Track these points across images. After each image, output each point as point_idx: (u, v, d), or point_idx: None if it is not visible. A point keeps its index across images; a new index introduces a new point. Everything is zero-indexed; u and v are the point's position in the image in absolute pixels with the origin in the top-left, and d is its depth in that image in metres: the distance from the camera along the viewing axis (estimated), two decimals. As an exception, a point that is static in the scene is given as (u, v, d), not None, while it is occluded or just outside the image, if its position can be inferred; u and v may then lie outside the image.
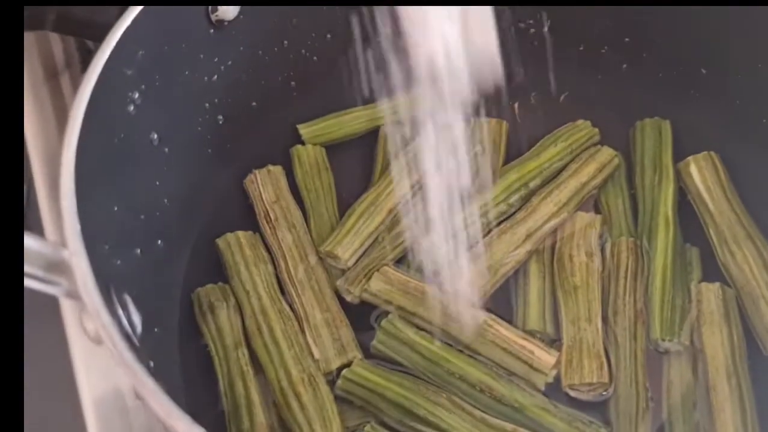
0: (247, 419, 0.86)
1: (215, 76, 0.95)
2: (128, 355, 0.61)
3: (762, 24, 0.96)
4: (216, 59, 0.94)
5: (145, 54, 0.83)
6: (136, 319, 0.74)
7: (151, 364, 0.74)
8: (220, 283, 0.95)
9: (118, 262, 0.77)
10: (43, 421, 0.86)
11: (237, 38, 0.95)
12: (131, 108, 0.82)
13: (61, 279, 0.65)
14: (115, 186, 0.79)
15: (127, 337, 0.64)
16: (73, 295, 0.63)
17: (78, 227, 0.66)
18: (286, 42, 1.02)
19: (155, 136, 0.87)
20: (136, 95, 0.82)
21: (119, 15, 0.81)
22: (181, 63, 0.89)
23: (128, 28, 0.80)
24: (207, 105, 0.96)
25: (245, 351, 0.90)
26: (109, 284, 0.68)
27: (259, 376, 0.90)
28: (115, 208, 0.79)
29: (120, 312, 0.70)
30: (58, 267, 0.66)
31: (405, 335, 0.90)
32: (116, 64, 0.78)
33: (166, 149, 0.89)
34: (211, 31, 0.91)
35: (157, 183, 0.89)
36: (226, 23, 0.92)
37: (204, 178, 1.00)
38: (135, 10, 0.80)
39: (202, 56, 0.92)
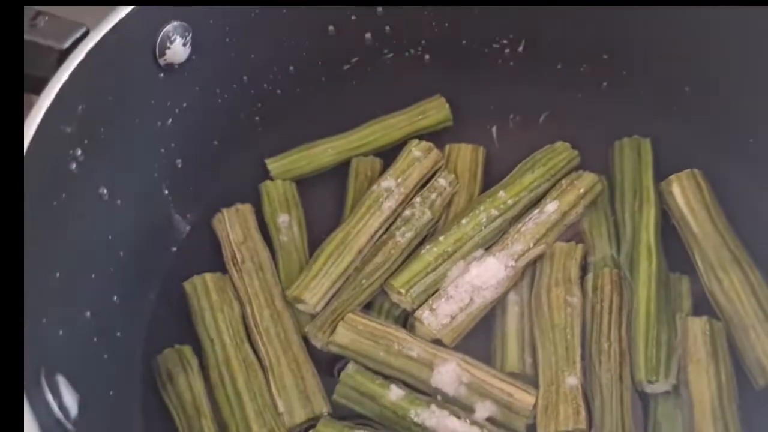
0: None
1: (169, 120, 0.91)
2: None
3: (749, 37, 0.91)
4: (168, 103, 0.90)
5: (87, 107, 0.79)
6: (70, 401, 0.70)
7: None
8: (177, 345, 0.91)
9: (60, 332, 0.73)
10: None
11: (190, 79, 0.91)
12: (73, 166, 0.78)
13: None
14: (57, 251, 0.75)
15: (55, 423, 0.60)
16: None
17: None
18: (245, 77, 0.98)
19: (104, 190, 0.83)
20: (78, 152, 0.79)
21: (57, 68, 0.76)
22: (128, 112, 0.85)
23: (66, 83, 0.76)
24: (162, 150, 0.92)
25: (209, 420, 0.87)
26: (39, 365, 0.64)
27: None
28: (57, 275, 0.75)
29: (49, 397, 0.66)
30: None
31: (365, 387, 0.86)
32: (54, 123, 0.75)
33: (118, 201, 0.86)
34: (161, 75, 0.87)
35: (110, 237, 0.85)
36: (176, 66, 0.88)
37: (164, 223, 0.97)
38: (73, 63, 0.76)
39: (152, 102, 0.88)
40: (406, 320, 0.94)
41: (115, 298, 0.86)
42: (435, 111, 1.07)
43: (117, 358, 0.85)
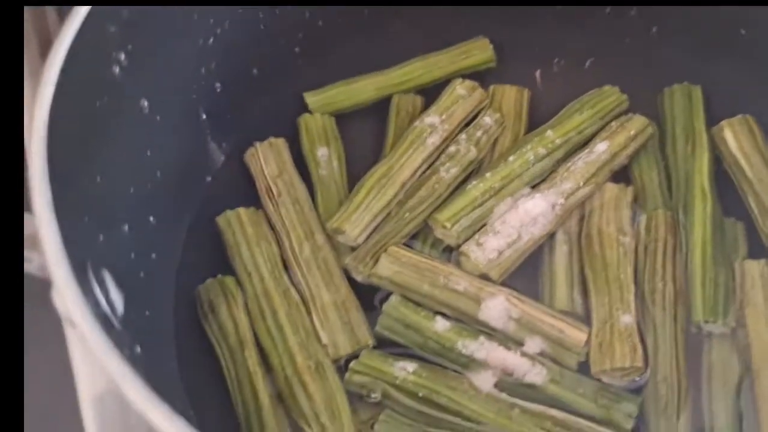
0: (257, 426, 0.79)
1: (211, 39, 0.87)
2: (99, 336, 0.53)
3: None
4: (211, 20, 0.87)
5: (131, 11, 0.75)
6: (117, 298, 0.67)
7: (138, 349, 0.67)
8: (219, 276, 0.87)
9: (101, 237, 0.69)
10: (41, 418, 0.79)
11: (233, -1, 0.87)
12: (116, 70, 0.74)
13: (33, 254, 0.58)
14: (98, 154, 0.71)
15: (103, 317, 0.56)
16: (44, 270, 0.55)
17: (48, 195, 0.58)
18: (288, 5, 0.94)
19: (145, 102, 0.79)
20: (122, 56, 0.75)
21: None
22: (172, 23, 0.81)
23: (108, -17, 0.72)
24: (203, 71, 0.88)
25: (253, 351, 0.82)
26: (85, 259, 0.60)
27: (271, 375, 0.83)
28: (98, 179, 0.71)
29: (97, 289, 0.62)
30: (30, 240, 0.58)
31: (410, 318, 0.82)
32: (97, 20, 0.71)
33: (158, 117, 0.82)
34: (205, -13, 0.83)
35: (148, 153, 0.81)
36: (223, -20, 0.84)
37: (201, 150, 0.93)
38: (119, -37, 0.72)
39: (195, 16, 0.84)
40: (449, 258, 0.89)
41: (152, 218, 0.83)
42: (478, 51, 1.04)
43: (152, 279, 0.81)
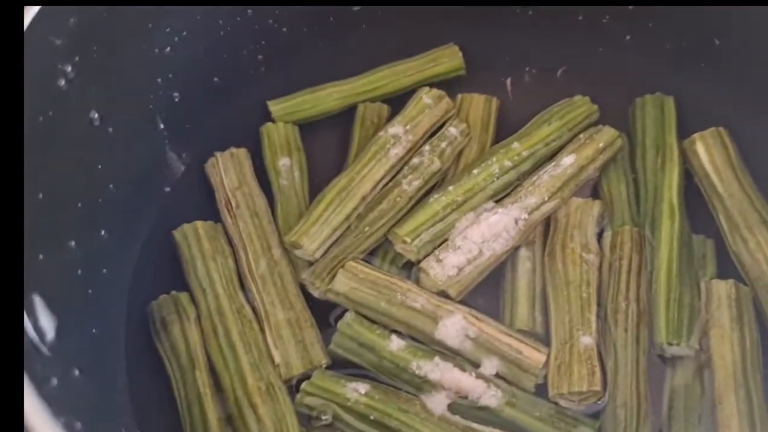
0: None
1: (168, 48, 0.86)
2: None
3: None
4: (168, 29, 0.85)
5: (79, 21, 0.73)
6: (47, 323, 0.65)
7: (76, 372, 0.65)
8: (173, 292, 0.85)
9: (40, 256, 0.67)
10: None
11: (191, 6, 0.85)
12: (62, 82, 0.72)
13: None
14: (40, 170, 0.69)
15: (29, 347, 0.54)
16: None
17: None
18: (250, 11, 0.93)
19: (95, 114, 0.78)
20: (68, 68, 0.73)
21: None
22: (125, 32, 0.80)
23: (57, -7, 0.70)
24: (159, 80, 0.86)
25: (204, 371, 0.81)
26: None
27: (222, 395, 0.81)
28: (40, 196, 0.69)
29: (24, 318, 0.60)
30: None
31: (365, 337, 0.80)
32: (42, 31, 0.69)
33: (110, 129, 0.80)
34: (160, -4, 0.81)
35: (99, 167, 0.79)
36: (175, -11, 0.82)
37: (159, 160, 0.91)
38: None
39: (150, 25, 0.82)
40: (410, 274, 0.88)
41: (103, 232, 0.81)
42: (447, 59, 1.01)
43: (102, 295, 0.79)
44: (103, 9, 0.76)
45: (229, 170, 0.92)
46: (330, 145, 0.98)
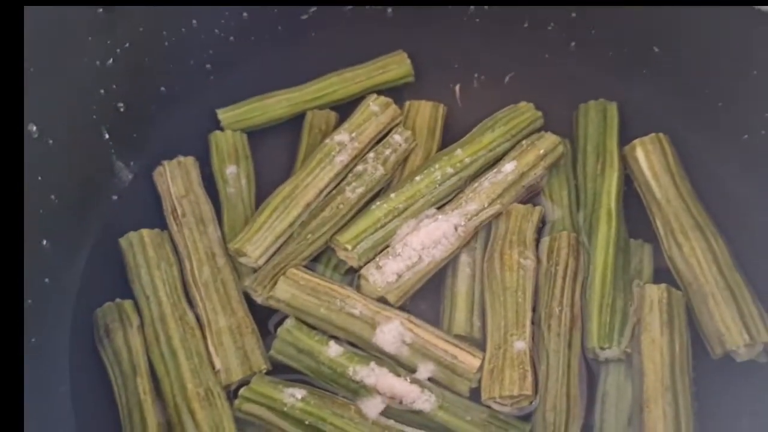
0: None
1: (110, 60, 0.87)
2: None
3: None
4: (109, 42, 0.86)
5: (16, 37, 0.74)
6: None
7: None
8: (118, 300, 0.87)
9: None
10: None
11: (133, 18, 0.87)
12: (-3, 96, 0.73)
13: None
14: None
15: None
16: None
17: None
18: (195, 21, 0.94)
19: (33, 128, 0.78)
20: (5, 83, 0.73)
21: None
22: (64, 46, 0.81)
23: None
24: (102, 92, 0.88)
25: (145, 378, 0.83)
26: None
27: (162, 401, 0.83)
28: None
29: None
30: None
31: (303, 343, 0.82)
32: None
33: (50, 141, 0.81)
34: (100, 10, 0.83)
35: (40, 178, 0.81)
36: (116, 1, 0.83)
37: (105, 170, 0.93)
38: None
39: (90, 38, 0.84)
40: (353, 280, 0.89)
41: (45, 242, 0.82)
42: (396, 66, 1.03)
43: (44, 305, 0.80)
44: (39, 23, 0.76)
45: (176, 178, 0.93)
46: (278, 151, 0.99)
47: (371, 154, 0.94)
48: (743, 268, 0.86)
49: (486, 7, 1.03)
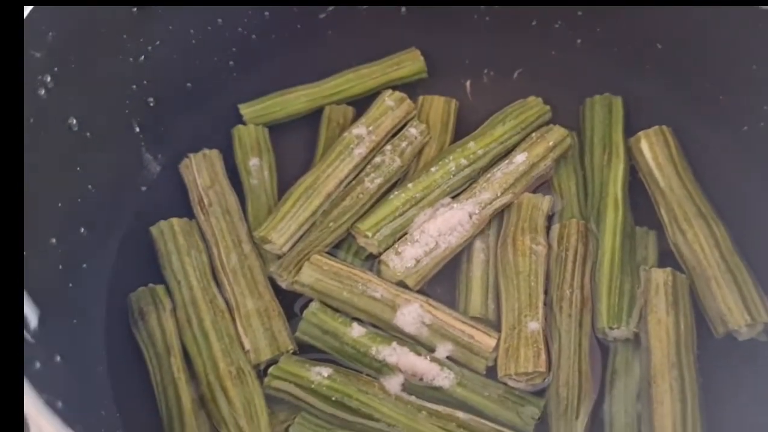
0: (179, 429, 0.84)
1: (142, 57, 0.91)
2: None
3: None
4: (141, 39, 0.90)
5: (57, 36, 0.79)
6: (30, 313, 0.71)
7: (57, 358, 0.71)
8: (150, 285, 0.91)
9: (24, 253, 0.73)
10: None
11: (164, 18, 0.92)
12: (42, 92, 0.78)
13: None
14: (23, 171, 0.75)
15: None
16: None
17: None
18: (220, 20, 0.98)
19: (73, 120, 0.83)
20: (48, 78, 0.79)
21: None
22: (100, 44, 0.86)
23: (35, 9, 0.76)
24: (134, 87, 0.92)
25: (178, 358, 0.87)
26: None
27: (195, 380, 0.87)
28: (25, 197, 0.75)
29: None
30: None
31: (328, 324, 0.87)
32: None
33: (88, 134, 0.86)
34: (134, 10, 0.87)
35: (78, 169, 0.85)
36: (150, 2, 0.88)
37: (135, 162, 0.97)
38: (43, -9, 0.76)
39: (125, 37, 0.88)
40: (372, 265, 0.94)
41: (83, 230, 0.86)
42: (409, 62, 1.07)
43: (82, 288, 0.85)
44: (79, 23, 0.81)
45: (202, 170, 0.98)
46: (298, 145, 1.03)
47: (388, 147, 0.99)
48: (744, 253, 0.90)
49: (496, 6, 1.06)
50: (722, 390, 0.85)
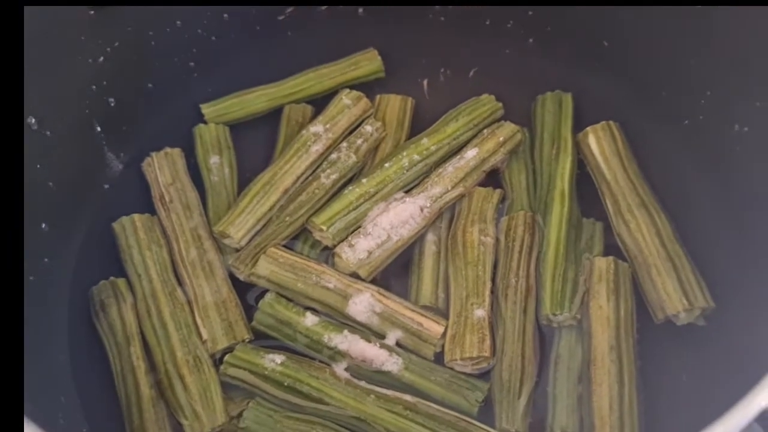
0: (137, 415, 0.87)
1: (101, 58, 0.94)
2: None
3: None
4: (100, 41, 0.93)
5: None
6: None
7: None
8: (112, 278, 0.95)
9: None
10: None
11: (122, 19, 0.95)
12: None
13: None
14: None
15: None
16: None
17: None
18: (179, 22, 1.01)
19: (32, 120, 0.86)
20: (4, 78, 0.81)
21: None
22: (59, 45, 0.88)
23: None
24: (94, 87, 0.95)
25: (138, 347, 0.90)
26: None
27: (154, 370, 0.90)
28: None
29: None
30: None
31: (282, 314, 0.90)
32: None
33: (48, 133, 0.89)
34: (91, 12, 0.90)
35: (38, 166, 0.88)
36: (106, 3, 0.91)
37: (97, 160, 1.00)
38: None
39: (83, 38, 0.91)
40: (328, 258, 0.97)
41: (44, 225, 0.89)
42: (367, 62, 1.10)
43: (44, 282, 0.88)
44: (34, 24, 0.84)
45: (163, 168, 1.01)
46: (258, 143, 1.07)
47: (344, 144, 1.02)
48: (684, 241, 0.93)
49: (450, 6, 1.09)
50: (661, 373, 0.88)
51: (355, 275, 0.93)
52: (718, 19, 0.87)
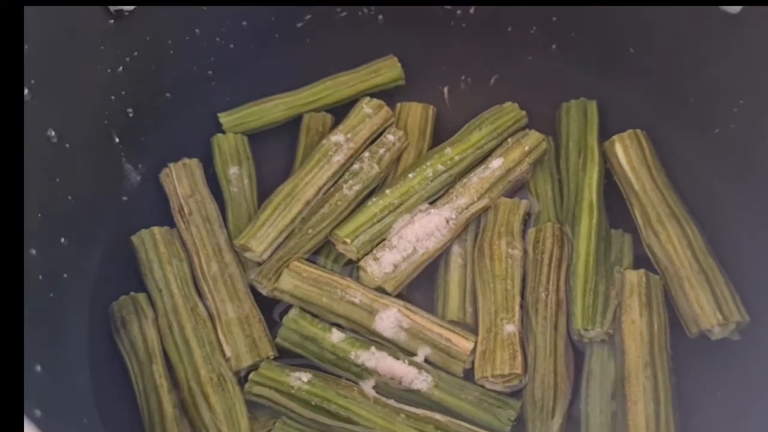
0: (161, 435, 0.84)
1: (120, 68, 0.92)
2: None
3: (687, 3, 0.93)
4: (119, 51, 0.91)
5: (34, 47, 0.79)
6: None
7: (38, 368, 0.72)
8: (132, 293, 0.93)
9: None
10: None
11: (140, 28, 0.92)
12: (20, 104, 0.79)
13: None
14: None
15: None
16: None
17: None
18: (197, 30, 0.99)
19: (52, 132, 0.84)
20: (25, 90, 0.79)
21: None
22: (77, 55, 0.86)
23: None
24: (113, 97, 0.93)
25: (160, 365, 0.88)
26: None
27: (177, 388, 0.88)
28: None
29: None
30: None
31: (307, 330, 0.88)
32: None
33: (67, 145, 0.87)
34: (111, 21, 0.89)
35: (58, 180, 0.86)
36: (126, 13, 0.89)
37: (115, 172, 0.98)
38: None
39: (102, 48, 0.89)
40: (351, 271, 0.95)
41: (63, 240, 0.87)
42: (387, 69, 1.08)
43: (63, 298, 0.86)
44: (55, 34, 0.82)
45: (182, 179, 0.99)
46: (277, 153, 1.05)
47: (366, 154, 1.00)
48: (716, 253, 0.91)
49: (471, 11, 1.08)
50: (696, 389, 0.86)
51: (380, 289, 0.91)
52: (752, 22, 0.85)
